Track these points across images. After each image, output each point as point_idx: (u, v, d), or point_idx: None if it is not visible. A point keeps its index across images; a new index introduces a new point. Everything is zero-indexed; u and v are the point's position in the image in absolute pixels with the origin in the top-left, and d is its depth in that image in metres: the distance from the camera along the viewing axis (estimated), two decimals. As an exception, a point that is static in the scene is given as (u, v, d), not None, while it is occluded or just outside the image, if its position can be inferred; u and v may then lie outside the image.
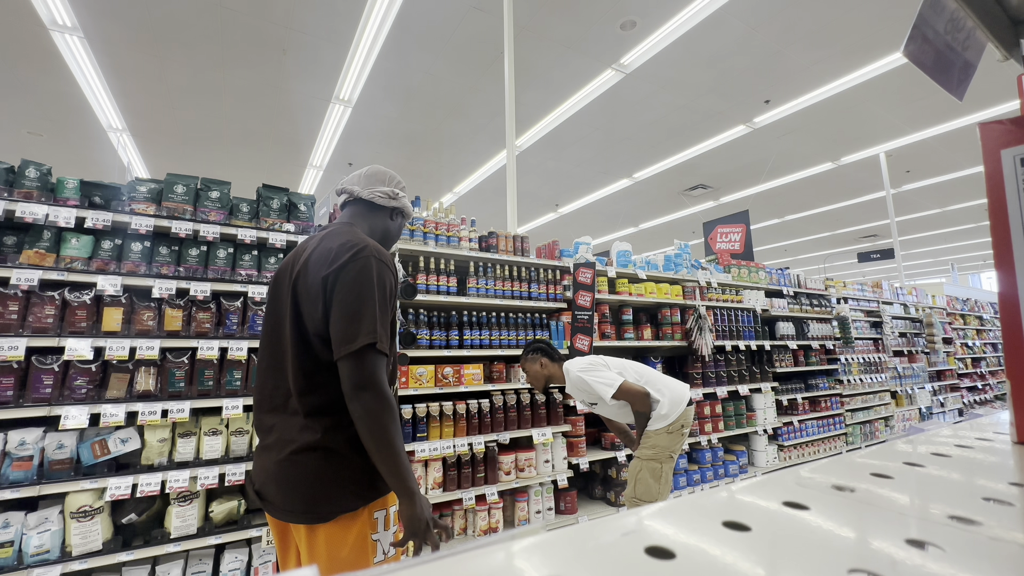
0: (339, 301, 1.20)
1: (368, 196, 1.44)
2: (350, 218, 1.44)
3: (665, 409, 2.52)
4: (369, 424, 1.16)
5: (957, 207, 11.42)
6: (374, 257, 1.25)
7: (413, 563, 0.25)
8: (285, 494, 1.20)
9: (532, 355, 2.70)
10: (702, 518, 0.33)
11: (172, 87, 5.78)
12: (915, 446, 0.55)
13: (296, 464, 1.20)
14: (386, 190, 1.46)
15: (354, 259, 1.22)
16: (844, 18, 4.82)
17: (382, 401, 1.18)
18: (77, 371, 2.19)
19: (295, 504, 1.19)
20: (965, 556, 0.28)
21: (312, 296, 1.23)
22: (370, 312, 1.19)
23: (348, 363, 1.17)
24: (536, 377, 2.69)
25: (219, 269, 2.61)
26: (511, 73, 4.23)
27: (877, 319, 6.62)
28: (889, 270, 19.90)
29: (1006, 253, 0.52)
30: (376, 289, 1.22)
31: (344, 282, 1.21)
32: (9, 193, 2.26)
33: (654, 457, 2.52)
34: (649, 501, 2.52)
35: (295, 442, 1.21)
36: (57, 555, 2.03)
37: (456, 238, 3.22)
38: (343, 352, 1.17)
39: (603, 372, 2.46)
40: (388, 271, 1.28)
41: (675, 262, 4.45)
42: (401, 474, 1.18)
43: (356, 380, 1.17)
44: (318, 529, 1.18)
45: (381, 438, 1.16)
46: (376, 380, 1.18)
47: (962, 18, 0.96)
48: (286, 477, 1.20)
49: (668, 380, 2.65)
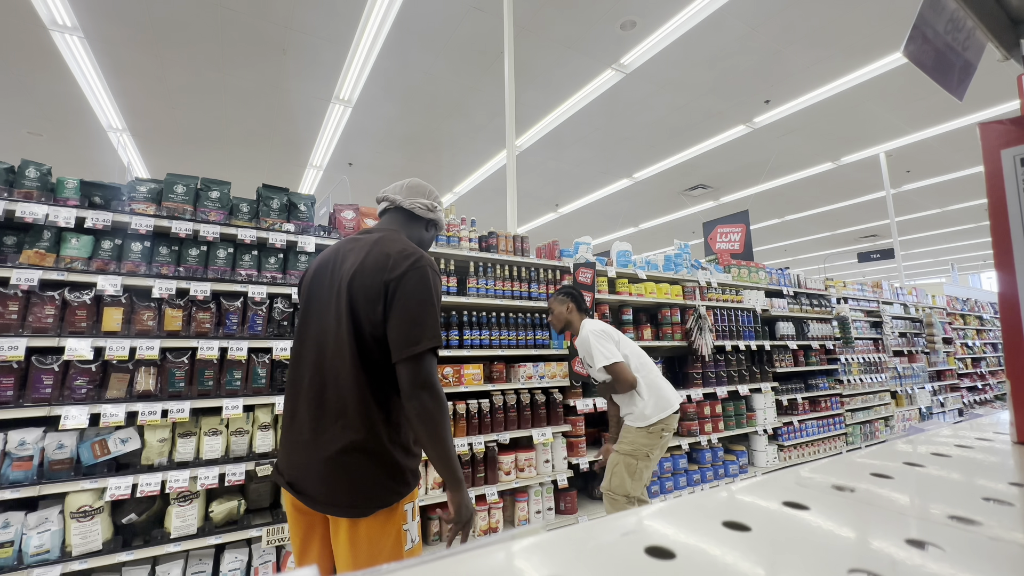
0: (401, 306, 1.29)
1: (409, 206, 1.54)
2: (392, 225, 1.53)
3: (648, 410, 2.56)
4: (426, 421, 1.26)
5: (957, 207, 11.42)
6: (429, 267, 1.36)
7: (413, 563, 0.25)
8: (330, 489, 1.27)
9: (562, 296, 2.82)
10: (702, 518, 0.33)
11: (172, 87, 5.78)
12: (915, 446, 0.55)
13: (342, 464, 1.27)
14: (425, 202, 1.55)
15: (414, 267, 1.32)
16: (844, 18, 4.82)
17: (438, 400, 1.28)
18: (77, 371, 2.19)
19: (340, 499, 1.27)
20: (965, 556, 0.28)
21: (372, 298, 1.31)
22: (432, 318, 1.30)
23: (409, 364, 1.26)
24: (558, 318, 2.83)
25: (219, 269, 2.61)
26: (511, 73, 4.23)
27: (877, 319, 6.62)
28: (889, 270, 19.90)
29: (1006, 253, 0.52)
30: (432, 295, 1.33)
31: (406, 289, 1.30)
32: (9, 193, 2.26)
33: (632, 453, 2.57)
34: (621, 495, 2.58)
35: (340, 440, 1.27)
36: (57, 555, 2.03)
37: (456, 238, 3.22)
38: (406, 354, 1.26)
39: (608, 345, 2.54)
40: (438, 278, 1.39)
41: (675, 262, 4.45)
42: (452, 466, 1.30)
43: (417, 380, 1.26)
44: (360, 522, 1.27)
45: (436, 434, 1.27)
46: (433, 381, 1.28)
47: (962, 18, 0.96)
48: (332, 475, 1.27)
49: (663, 384, 2.69)
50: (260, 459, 2.46)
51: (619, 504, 2.61)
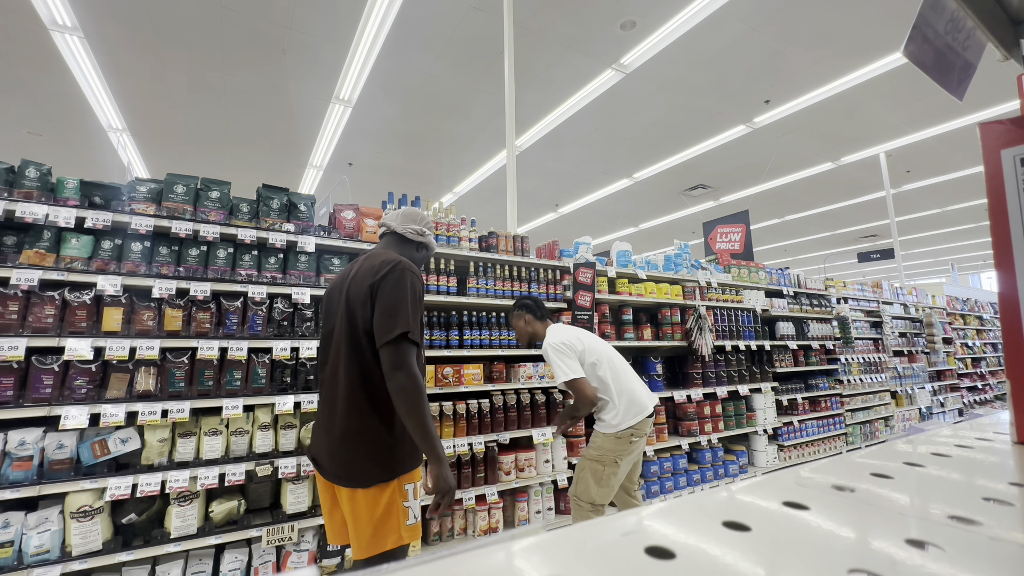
0: (380, 302, 1.56)
1: (401, 231, 1.84)
2: (386, 245, 1.83)
3: (616, 419, 2.47)
4: (403, 398, 1.49)
5: (957, 207, 11.42)
6: (407, 269, 1.61)
7: (413, 563, 0.25)
8: (335, 464, 1.58)
9: (518, 311, 2.76)
10: (702, 518, 0.33)
11: (172, 87, 5.78)
12: (915, 446, 0.55)
13: (342, 445, 1.57)
14: (416, 228, 1.85)
15: (393, 271, 1.59)
16: (844, 18, 4.82)
17: (413, 380, 1.49)
18: (77, 371, 2.19)
19: (341, 472, 1.57)
20: (965, 556, 0.28)
21: (361, 301, 1.58)
22: (404, 310, 1.53)
23: (387, 349, 1.50)
24: (521, 334, 2.77)
25: (219, 269, 2.61)
26: (511, 73, 4.23)
27: (877, 319, 6.62)
28: (889, 270, 19.90)
29: (1006, 253, 0.52)
30: (408, 292, 1.56)
31: (385, 288, 1.56)
32: (9, 193, 2.26)
33: (598, 459, 2.48)
34: (586, 501, 2.49)
35: (339, 426, 1.57)
36: (57, 555, 2.03)
37: (456, 238, 3.22)
38: (383, 341, 1.50)
39: (568, 360, 2.43)
40: (417, 279, 1.63)
41: (675, 262, 4.45)
42: (430, 439, 1.51)
43: (393, 362, 1.49)
44: (358, 492, 1.54)
45: (412, 410, 1.49)
46: (407, 363, 1.50)
47: (962, 18, 0.96)
48: (336, 453, 1.58)
49: (637, 387, 2.58)
50: (260, 459, 2.46)
51: (583, 511, 2.50)
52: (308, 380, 2.64)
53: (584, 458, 2.55)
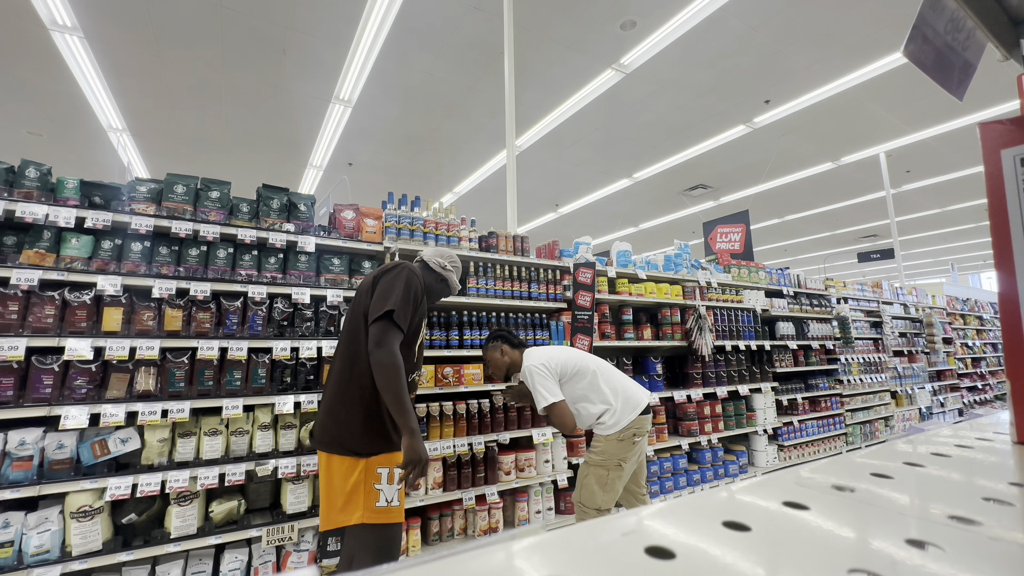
0: (377, 290, 1.80)
1: (426, 260, 2.13)
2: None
3: (615, 418, 2.46)
4: (380, 371, 1.66)
5: (957, 207, 11.42)
6: (409, 269, 1.87)
7: (413, 563, 0.25)
8: (323, 433, 1.82)
9: (492, 343, 2.69)
10: (702, 518, 0.33)
11: (172, 87, 5.78)
12: (915, 446, 0.55)
13: (329, 415, 1.82)
14: (440, 262, 2.11)
15: (396, 267, 1.87)
16: (844, 18, 4.82)
17: (391, 356, 1.68)
18: (77, 371, 2.19)
19: (323, 437, 1.81)
20: (965, 556, 0.28)
21: (366, 289, 1.86)
22: (395, 296, 1.74)
23: (373, 327, 1.71)
24: (498, 365, 2.67)
25: (219, 269, 2.61)
26: (511, 73, 4.23)
27: (877, 319, 6.62)
28: (889, 270, 19.90)
29: (1006, 253, 0.52)
30: (403, 284, 1.78)
31: (385, 279, 1.82)
32: (9, 193, 2.26)
33: (602, 463, 2.46)
34: (592, 508, 2.47)
35: (329, 398, 1.84)
36: (57, 555, 2.03)
37: (456, 238, 3.22)
38: (371, 319, 1.71)
39: (548, 384, 2.42)
40: (416, 278, 1.86)
41: (675, 262, 4.44)
42: (403, 413, 1.66)
43: (375, 339, 1.69)
44: (333, 459, 1.76)
45: (387, 385, 1.66)
46: (388, 341, 1.69)
47: (962, 18, 0.96)
48: (323, 422, 1.84)
49: (630, 385, 2.58)
50: (260, 459, 2.46)
51: (589, 517, 2.47)
52: (308, 380, 2.64)
53: (587, 464, 2.51)
